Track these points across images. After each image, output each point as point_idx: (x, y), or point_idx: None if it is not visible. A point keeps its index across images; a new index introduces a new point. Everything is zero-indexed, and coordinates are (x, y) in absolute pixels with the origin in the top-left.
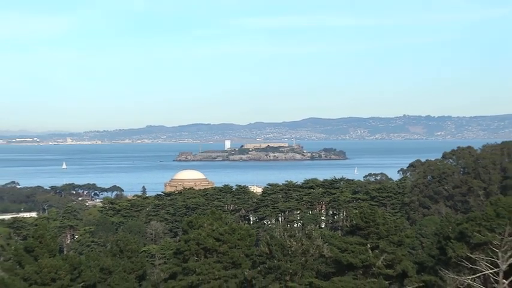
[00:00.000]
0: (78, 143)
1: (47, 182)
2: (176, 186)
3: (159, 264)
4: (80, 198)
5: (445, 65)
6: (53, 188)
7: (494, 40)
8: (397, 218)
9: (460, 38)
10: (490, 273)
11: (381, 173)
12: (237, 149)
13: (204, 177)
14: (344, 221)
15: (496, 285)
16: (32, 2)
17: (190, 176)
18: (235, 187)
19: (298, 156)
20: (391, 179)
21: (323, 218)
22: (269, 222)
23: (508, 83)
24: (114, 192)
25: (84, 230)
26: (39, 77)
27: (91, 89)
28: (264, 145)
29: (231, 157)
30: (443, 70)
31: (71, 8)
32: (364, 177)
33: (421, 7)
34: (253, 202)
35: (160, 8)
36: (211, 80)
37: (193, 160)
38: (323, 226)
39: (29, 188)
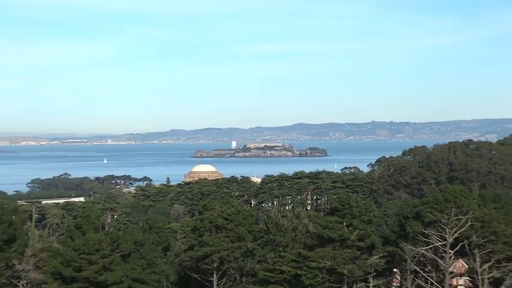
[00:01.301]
0: (117, 143)
1: (92, 174)
2: (193, 177)
3: (180, 238)
4: (118, 186)
5: (405, 81)
6: (96, 178)
7: (444, 62)
8: (366, 202)
9: (416, 60)
10: (440, 245)
11: (354, 167)
12: (241, 148)
13: (215, 170)
14: (325, 204)
15: (444, 254)
16: (79, 33)
17: (205, 169)
18: (239, 178)
19: (289, 153)
20: (362, 171)
21: (309, 202)
22: (266, 205)
23: (453, 95)
24: (145, 182)
25: (121, 211)
26: (86, 90)
27: (126, 100)
28: (262, 145)
29: (237, 154)
30: (403, 85)
31: (109, 37)
32: (341, 170)
33: (386, 36)
34: (254, 189)
35: (180, 37)
36: (220, 93)
37: (206, 156)
38: (309, 208)
39: (78, 178)
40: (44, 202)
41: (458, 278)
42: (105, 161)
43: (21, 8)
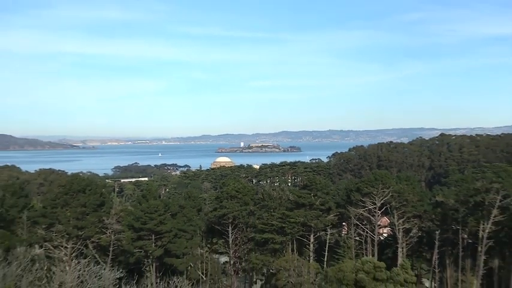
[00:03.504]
0: (168, 143)
1: (152, 163)
2: (216, 165)
3: (208, 204)
4: (168, 171)
5: (350, 103)
6: (155, 166)
7: (375, 92)
8: (326, 181)
9: (357, 90)
10: (371, 208)
11: (318, 159)
12: (246, 147)
13: (230, 160)
14: (300, 182)
15: (374, 213)
16: (143, 73)
17: (223, 160)
18: (246, 165)
19: (277, 150)
20: (323, 161)
21: (289, 180)
22: (262, 183)
23: (380, 113)
24: (186, 168)
25: (171, 186)
26: (148, 110)
27: (174, 115)
28: (260, 145)
29: (244, 151)
30: (349, 106)
31: (162, 76)
32: (310, 160)
33: (338, 76)
34: (255, 173)
35: (208, 76)
36: (233, 111)
37: (224, 152)
38: (289, 184)
39: (143, 165)
40: (122, 180)
41: (383, 228)
42: (160, 155)
43: (107, 58)
